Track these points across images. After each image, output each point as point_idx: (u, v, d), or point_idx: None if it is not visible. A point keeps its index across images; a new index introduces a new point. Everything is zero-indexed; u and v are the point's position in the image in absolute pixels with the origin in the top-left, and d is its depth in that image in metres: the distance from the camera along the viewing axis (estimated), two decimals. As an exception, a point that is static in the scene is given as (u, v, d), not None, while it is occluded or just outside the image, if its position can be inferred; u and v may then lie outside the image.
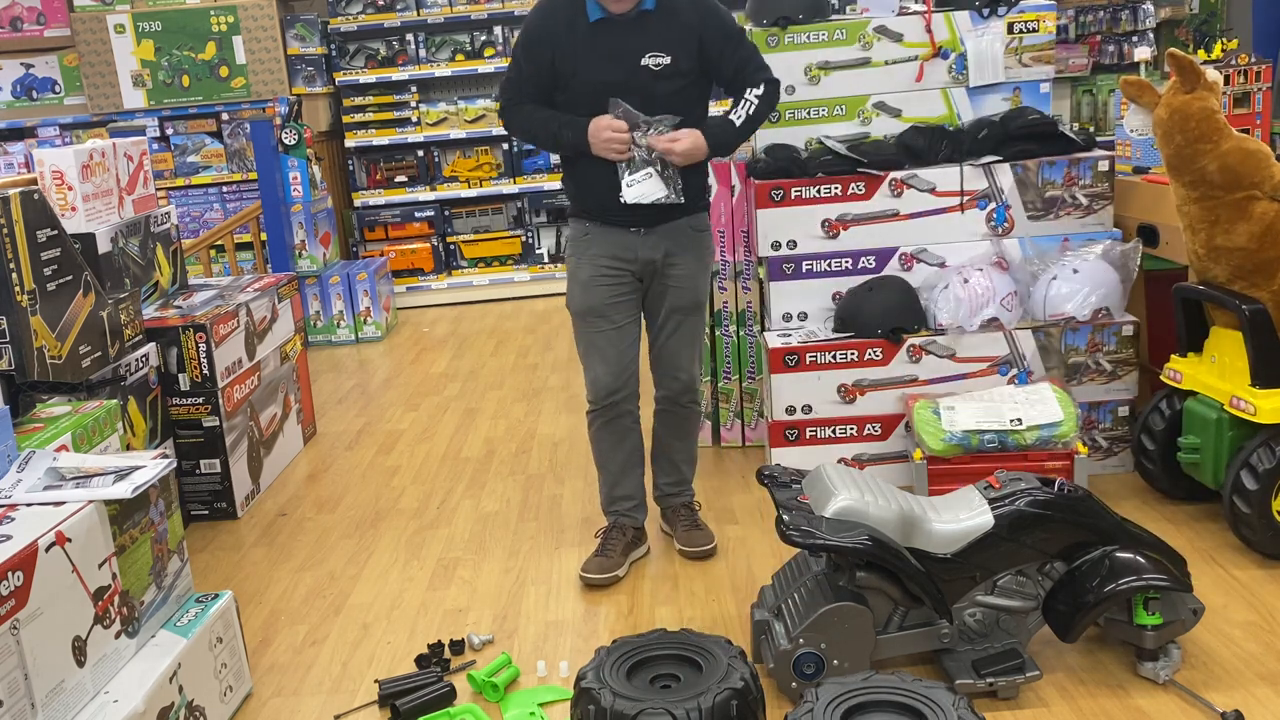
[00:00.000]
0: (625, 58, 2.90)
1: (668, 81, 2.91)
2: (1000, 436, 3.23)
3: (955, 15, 3.75)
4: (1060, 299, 3.54)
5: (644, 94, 2.90)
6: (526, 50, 3.01)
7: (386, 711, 2.61)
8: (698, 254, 3.10)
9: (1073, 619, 2.47)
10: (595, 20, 2.91)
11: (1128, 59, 6.58)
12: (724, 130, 2.98)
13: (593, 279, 3.06)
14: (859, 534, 2.39)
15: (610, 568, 3.15)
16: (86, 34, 6.57)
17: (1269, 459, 2.89)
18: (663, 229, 3.02)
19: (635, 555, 3.26)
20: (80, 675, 2.16)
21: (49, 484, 2.33)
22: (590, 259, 3.07)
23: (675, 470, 3.32)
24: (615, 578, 3.14)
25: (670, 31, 2.90)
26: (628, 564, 3.21)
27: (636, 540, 3.27)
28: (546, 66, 2.96)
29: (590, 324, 3.10)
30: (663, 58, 2.90)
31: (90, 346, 3.19)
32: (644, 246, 3.03)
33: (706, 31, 2.93)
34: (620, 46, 2.90)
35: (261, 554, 3.54)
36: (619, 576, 3.15)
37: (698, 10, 2.93)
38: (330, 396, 5.26)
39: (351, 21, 6.93)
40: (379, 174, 7.24)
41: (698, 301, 3.15)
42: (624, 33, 2.90)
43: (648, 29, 2.90)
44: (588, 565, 3.17)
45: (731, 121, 2.98)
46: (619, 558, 3.18)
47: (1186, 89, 3.04)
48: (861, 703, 1.98)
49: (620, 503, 3.25)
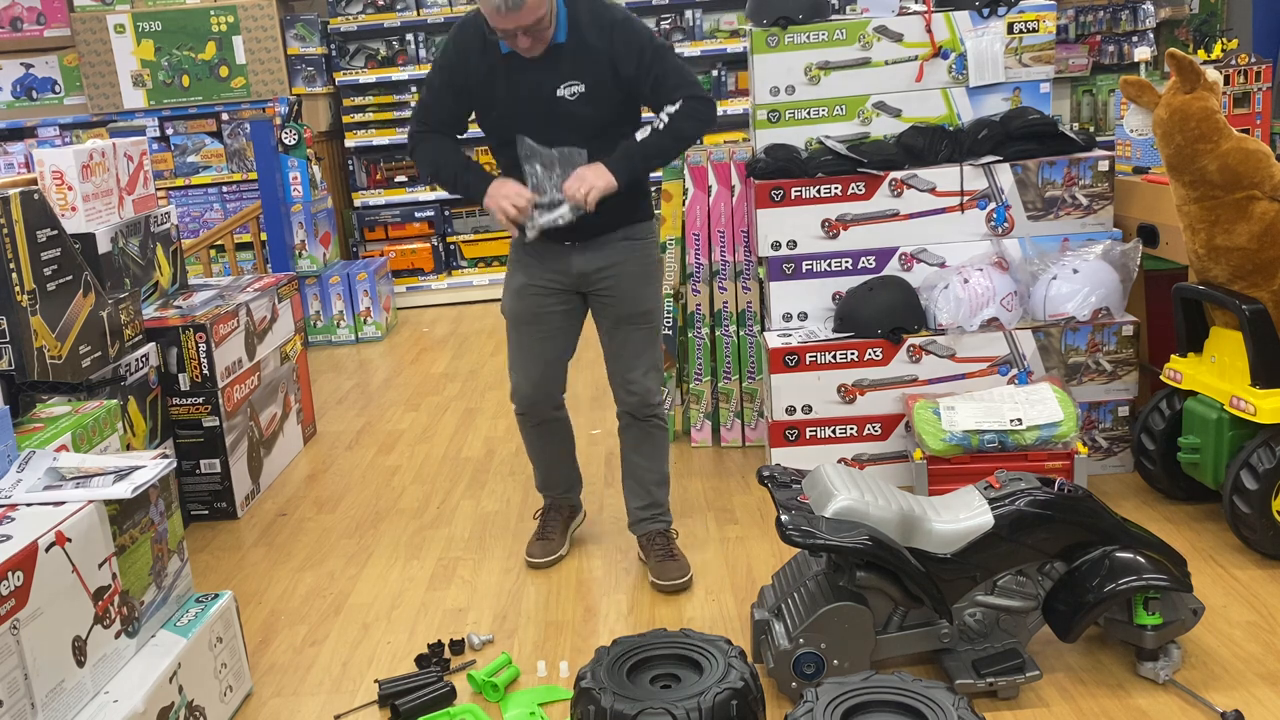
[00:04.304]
0: (540, 89, 2.82)
1: (586, 108, 2.83)
2: (1000, 436, 3.23)
3: (955, 15, 3.75)
4: (1060, 299, 3.54)
5: (564, 124, 2.83)
6: (440, 77, 2.94)
7: (386, 711, 2.61)
8: (638, 264, 3.03)
9: (1073, 619, 2.47)
10: (507, 52, 2.82)
11: (1128, 59, 6.58)
12: (626, 157, 2.82)
13: (524, 287, 3.06)
14: (859, 534, 2.39)
15: (552, 550, 3.30)
16: (86, 34, 6.57)
17: (1269, 459, 2.89)
18: (597, 241, 2.97)
19: (574, 526, 3.44)
20: (80, 675, 2.16)
21: (49, 484, 2.33)
22: (524, 267, 3.06)
23: (645, 493, 3.20)
24: (559, 557, 3.30)
25: (582, 60, 2.81)
26: (568, 541, 3.37)
27: (572, 514, 3.44)
28: (460, 95, 2.91)
29: (518, 330, 3.11)
30: (577, 86, 2.81)
31: (90, 346, 3.19)
32: (578, 260, 2.99)
33: (616, 52, 2.81)
34: (534, 79, 2.82)
35: (261, 554, 3.54)
36: (562, 555, 3.31)
37: (607, 33, 2.81)
38: (330, 396, 5.26)
39: (351, 21, 6.93)
40: (379, 174, 7.24)
41: (642, 310, 3.06)
42: (537, 65, 2.81)
43: (560, 59, 2.81)
44: (531, 549, 3.31)
45: (634, 141, 2.84)
46: (560, 538, 3.34)
47: (1186, 89, 3.04)
48: (861, 703, 1.98)
49: (554, 486, 3.39)
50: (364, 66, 7.04)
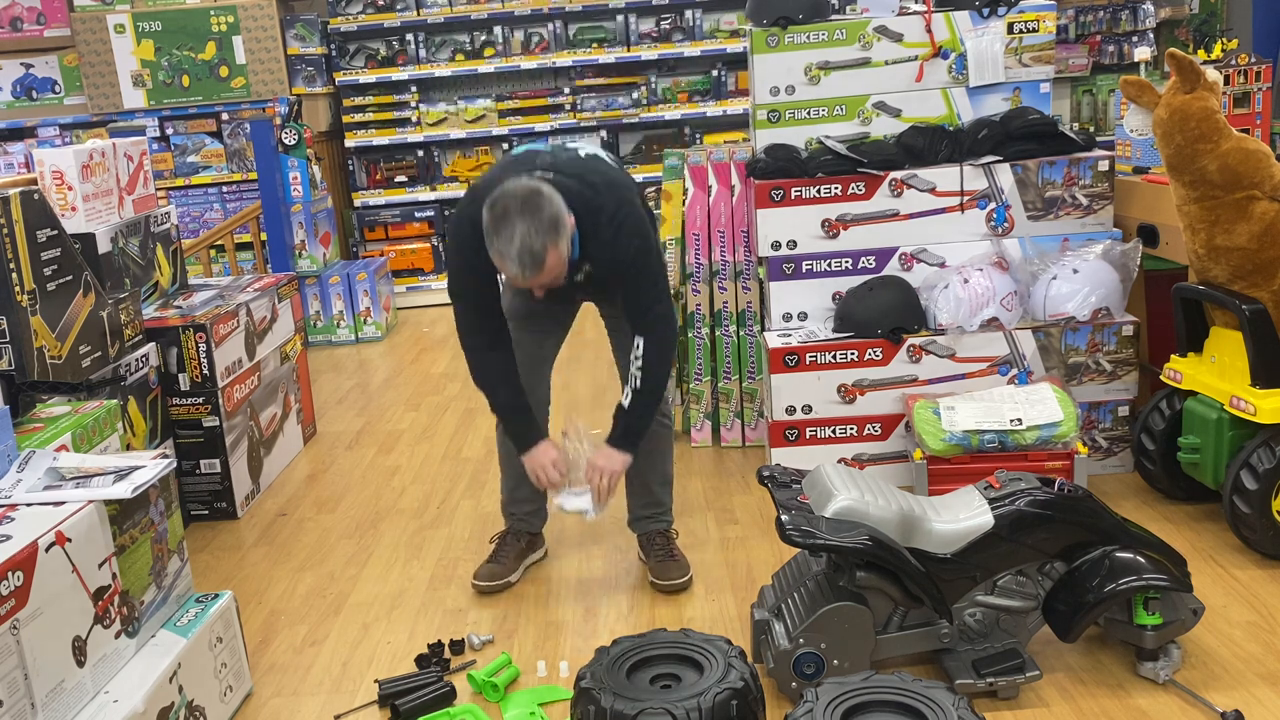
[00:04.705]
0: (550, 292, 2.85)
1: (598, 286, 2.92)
2: (1000, 436, 3.23)
3: (955, 15, 3.75)
4: (1060, 299, 3.54)
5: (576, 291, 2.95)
6: (460, 283, 2.93)
7: (386, 711, 2.61)
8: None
9: (1073, 619, 2.47)
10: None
11: (1128, 59, 6.58)
12: (626, 431, 2.92)
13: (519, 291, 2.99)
14: (859, 534, 2.39)
15: (501, 574, 3.16)
16: (86, 34, 6.57)
17: (1269, 459, 2.89)
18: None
19: (530, 560, 3.28)
20: (80, 675, 2.16)
21: (49, 484, 2.33)
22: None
23: (647, 491, 3.19)
24: (508, 584, 3.16)
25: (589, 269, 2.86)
26: (521, 570, 3.21)
27: (531, 546, 3.28)
28: (485, 279, 2.86)
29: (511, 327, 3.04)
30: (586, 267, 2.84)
31: (90, 346, 3.19)
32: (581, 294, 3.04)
33: (598, 271, 2.84)
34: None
35: (261, 554, 3.54)
36: (511, 582, 3.17)
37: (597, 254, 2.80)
38: (330, 396, 5.26)
39: (351, 21, 6.92)
40: (379, 174, 7.24)
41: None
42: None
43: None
44: (479, 573, 3.17)
45: (624, 409, 2.91)
46: (512, 563, 3.19)
47: (1186, 89, 3.04)
48: (861, 703, 1.98)
49: (519, 505, 3.23)
50: (364, 66, 7.04)
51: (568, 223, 2.66)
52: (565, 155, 2.88)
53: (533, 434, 2.99)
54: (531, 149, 2.95)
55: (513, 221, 2.58)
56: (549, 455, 2.97)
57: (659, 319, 2.87)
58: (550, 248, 2.61)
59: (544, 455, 2.97)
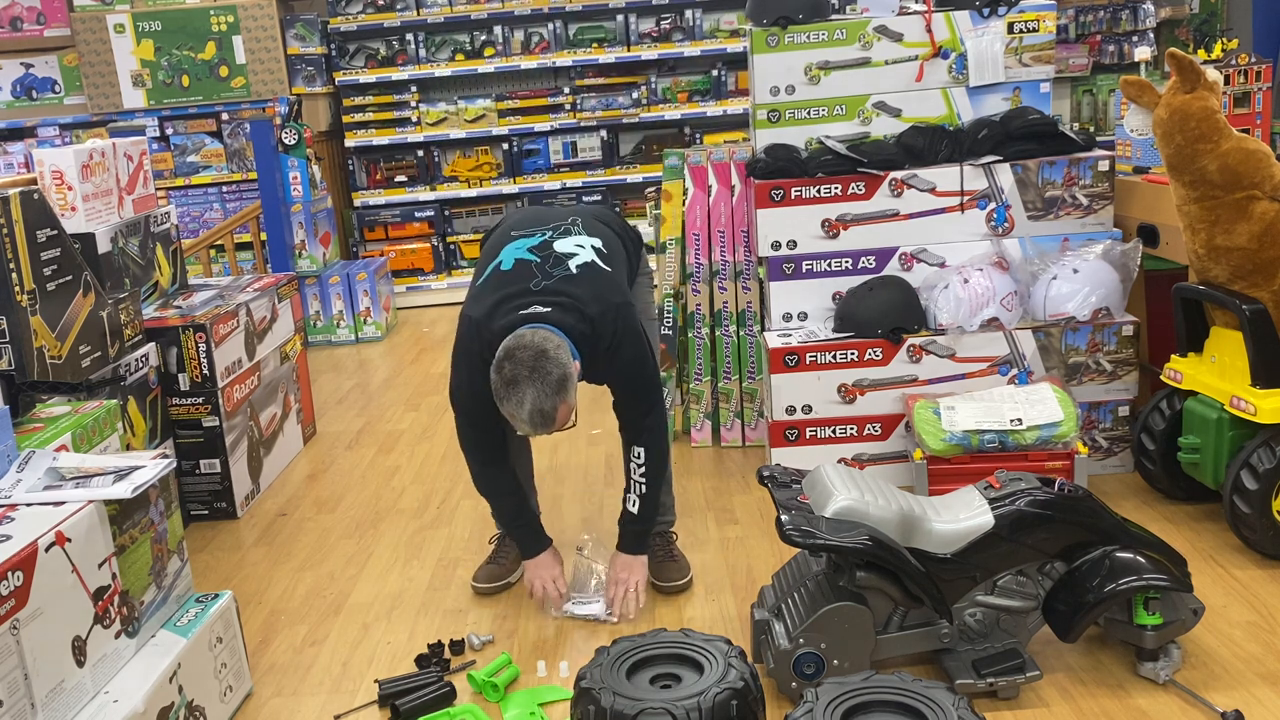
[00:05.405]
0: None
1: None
2: (1000, 436, 3.23)
3: (955, 15, 3.75)
4: (1060, 299, 3.54)
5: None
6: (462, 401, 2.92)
7: (386, 711, 2.61)
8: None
9: (1073, 619, 2.47)
10: None
11: (1128, 59, 6.57)
12: (635, 535, 2.97)
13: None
14: (859, 534, 2.39)
15: (501, 575, 3.17)
16: (86, 34, 6.57)
17: (1269, 459, 2.89)
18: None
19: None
20: (80, 675, 2.16)
21: (49, 484, 2.33)
22: None
23: None
24: (507, 584, 3.17)
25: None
26: (521, 570, 3.16)
27: None
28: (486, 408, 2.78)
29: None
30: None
31: (90, 346, 3.19)
32: None
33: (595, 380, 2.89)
34: None
35: (261, 554, 3.54)
36: (511, 583, 3.18)
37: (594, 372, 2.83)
38: (330, 396, 5.26)
39: (351, 21, 6.93)
40: (379, 174, 7.24)
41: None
42: None
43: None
44: (478, 574, 3.18)
45: (631, 513, 2.94)
46: (512, 564, 3.19)
47: (1186, 89, 3.04)
48: (861, 703, 1.98)
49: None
50: (364, 66, 7.04)
51: (574, 371, 2.68)
52: (559, 273, 2.80)
53: (537, 543, 3.02)
54: (521, 261, 2.85)
55: (523, 388, 2.60)
56: (551, 571, 2.99)
57: (654, 427, 2.93)
58: (560, 404, 2.65)
59: (546, 570, 2.99)
